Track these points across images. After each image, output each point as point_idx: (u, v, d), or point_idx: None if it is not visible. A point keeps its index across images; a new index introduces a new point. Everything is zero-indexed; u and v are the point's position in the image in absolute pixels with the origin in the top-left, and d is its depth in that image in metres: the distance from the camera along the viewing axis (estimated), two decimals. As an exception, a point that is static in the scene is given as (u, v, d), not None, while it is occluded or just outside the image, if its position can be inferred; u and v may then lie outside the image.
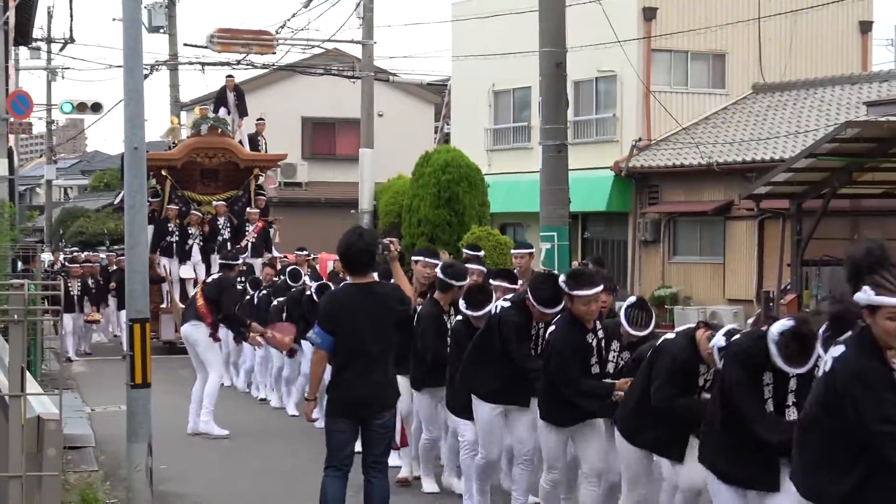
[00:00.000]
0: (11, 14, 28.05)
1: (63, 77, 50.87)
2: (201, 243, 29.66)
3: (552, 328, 10.69)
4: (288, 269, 21.87)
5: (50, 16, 47.48)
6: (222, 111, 32.29)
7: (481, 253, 17.18)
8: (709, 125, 34.88)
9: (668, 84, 36.02)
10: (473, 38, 39.39)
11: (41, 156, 59.72)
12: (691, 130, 34.63)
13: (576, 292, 10.36)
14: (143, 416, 12.74)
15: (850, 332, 6.95)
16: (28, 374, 4.13)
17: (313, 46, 39.36)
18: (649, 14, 35.48)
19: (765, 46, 34.92)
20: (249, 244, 29.04)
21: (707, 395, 9.67)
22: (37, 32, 41.80)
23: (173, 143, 32.37)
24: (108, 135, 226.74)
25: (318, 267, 27.37)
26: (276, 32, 36.26)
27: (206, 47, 37.37)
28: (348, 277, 10.70)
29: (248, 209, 30.13)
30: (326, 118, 49.90)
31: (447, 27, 42.44)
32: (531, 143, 34.55)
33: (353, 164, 39.19)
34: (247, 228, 29.77)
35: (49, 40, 44.97)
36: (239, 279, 21.12)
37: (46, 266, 36.26)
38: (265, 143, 33.17)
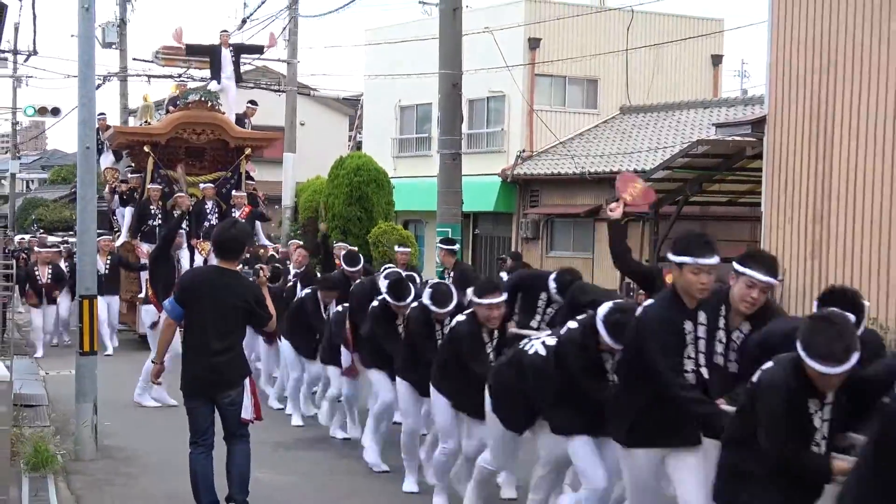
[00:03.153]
0: (-19, 29, 27.75)
1: (27, 84, 50.17)
2: (186, 229, 21.89)
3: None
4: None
5: (16, 30, 46.68)
6: (213, 84, 26.78)
7: (456, 246, 16.33)
8: (582, 140, 35.02)
9: (548, 104, 36.14)
10: (383, 60, 39.38)
11: (6, 152, 58.96)
12: (567, 144, 34.77)
13: None
14: (90, 380, 12.68)
15: None
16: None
17: (245, 63, 39.12)
18: (534, 44, 35.58)
19: (631, 74, 35.15)
20: None
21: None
22: (4, 45, 41.16)
23: (145, 122, 27.20)
24: (65, 135, 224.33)
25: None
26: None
27: (152, 62, 37.03)
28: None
29: (234, 192, 23.95)
30: (255, 125, 49.44)
31: (361, 50, 42.30)
32: (431, 152, 34.56)
33: (277, 166, 38.99)
34: (234, 213, 23.02)
35: (15, 52, 44.33)
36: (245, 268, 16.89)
37: (15, 246, 33.72)
38: (251, 128, 27.26)
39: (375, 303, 11.71)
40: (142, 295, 21.34)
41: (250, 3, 37.81)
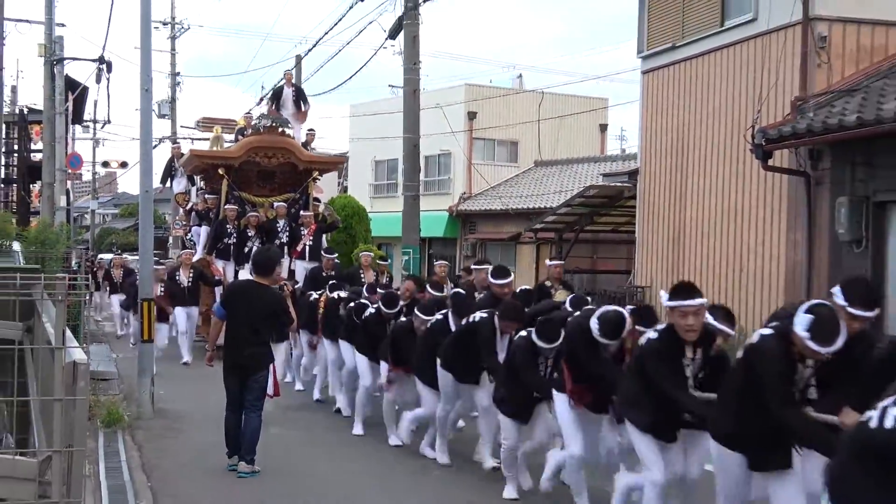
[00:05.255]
0: (70, 104, 27.54)
1: (103, 145, 50.10)
2: (260, 246, 18.03)
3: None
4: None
5: (95, 105, 46.42)
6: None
7: (509, 278, 10.38)
8: (507, 185, 35.10)
9: (482, 159, 36.21)
10: (363, 126, 39.39)
11: (88, 194, 58.47)
12: (496, 188, 34.85)
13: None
14: (148, 360, 12.66)
15: None
16: (69, 332, 4.02)
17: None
18: (472, 115, 35.74)
19: (542, 138, 35.32)
20: (307, 248, 18.93)
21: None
22: (86, 115, 40.93)
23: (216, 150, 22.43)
24: (131, 182, 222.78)
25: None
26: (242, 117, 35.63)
27: (194, 128, 36.94)
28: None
29: (301, 212, 19.51)
30: (270, 175, 49.05)
31: (347, 120, 42.30)
32: (397, 194, 34.51)
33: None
34: (301, 232, 19.25)
35: (94, 121, 44.02)
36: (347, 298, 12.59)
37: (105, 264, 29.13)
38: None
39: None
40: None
41: (266, 86, 37.71)
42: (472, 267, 11.57)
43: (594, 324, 7.11)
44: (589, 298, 10.20)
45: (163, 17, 44.15)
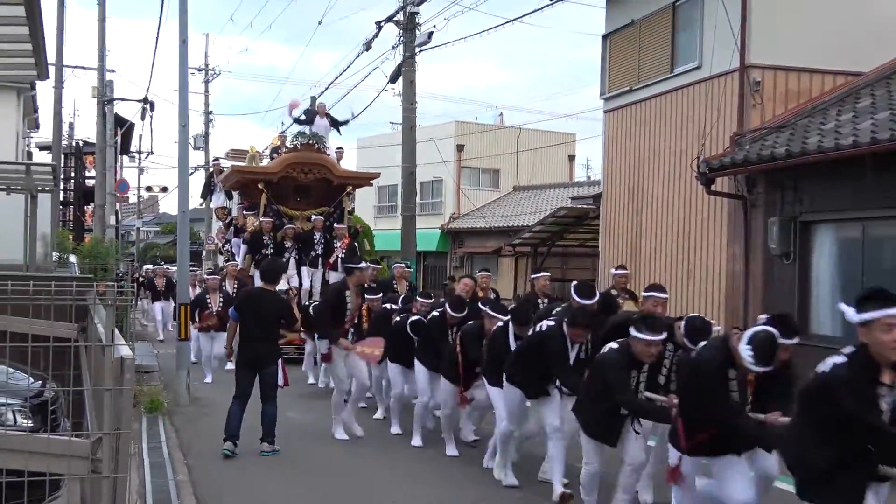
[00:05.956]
0: (118, 138, 27.51)
1: (146, 172, 50.02)
2: (297, 257, 17.38)
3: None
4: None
5: (140, 139, 46.42)
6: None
7: (594, 302, 7.83)
8: (490, 208, 35.10)
9: (469, 185, 36.23)
10: (368, 157, 39.37)
11: (134, 214, 58.38)
12: (481, 210, 34.85)
13: None
14: (184, 356, 12.69)
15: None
16: (117, 332, 4.03)
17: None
18: (460, 147, 35.79)
19: (520, 166, 35.39)
20: (339, 259, 16.57)
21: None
22: (133, 147, 40.87)
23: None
24: (171, 203, 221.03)
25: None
26: (263, 150, 35.50)
27: (224, 158, 36.81)
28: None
29: (336, 225, 17.87)
30: (289, 198, 48.80)
31: (355, 152, 42.31)
32: (397, 214, 34.55)
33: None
34: (335, 244, 17.53)
35: (139, 152, 43.94)
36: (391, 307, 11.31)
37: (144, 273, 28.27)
38: None
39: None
40: None
41: (286, 123, 37.68)
42: (533, 277, 10.60)
43: (746, 351, 5.37)
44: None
45: (198, 64, 44.13)
